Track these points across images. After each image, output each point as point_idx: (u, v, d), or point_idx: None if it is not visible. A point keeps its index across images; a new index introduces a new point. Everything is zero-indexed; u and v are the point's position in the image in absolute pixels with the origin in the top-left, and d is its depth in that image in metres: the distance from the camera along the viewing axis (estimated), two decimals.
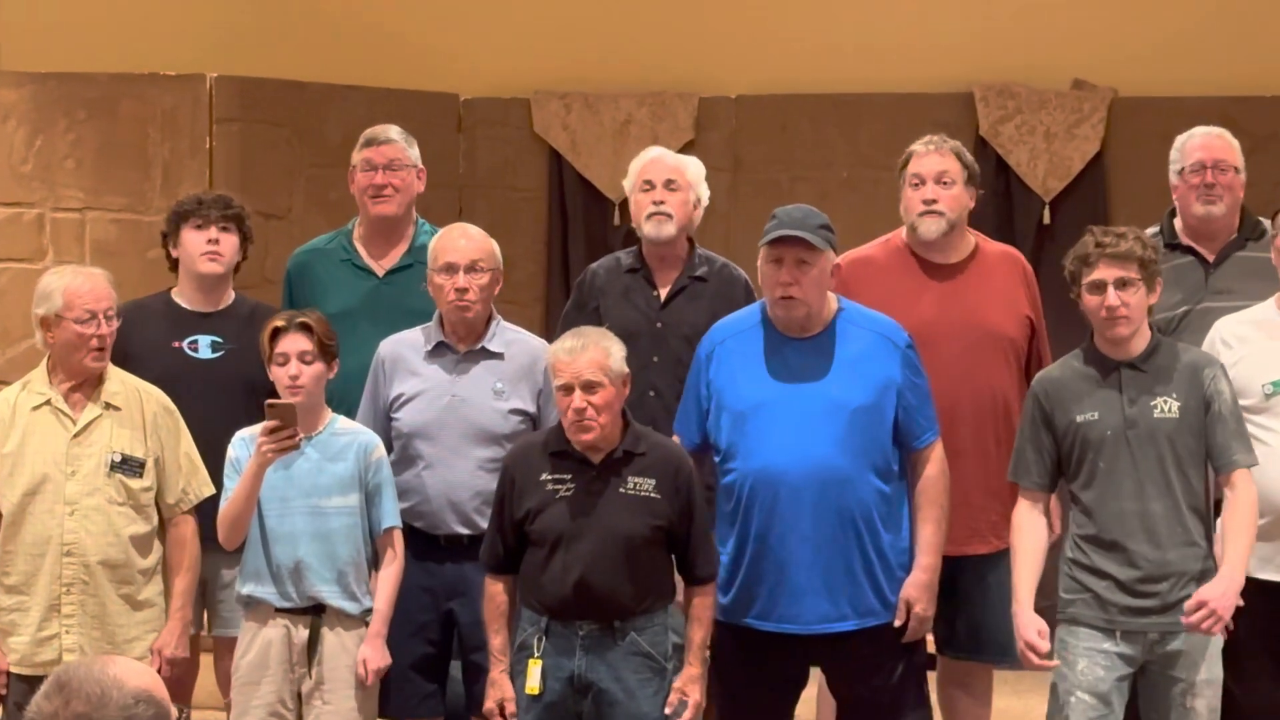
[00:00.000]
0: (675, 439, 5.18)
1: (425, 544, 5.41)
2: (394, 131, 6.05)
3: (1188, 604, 4.76)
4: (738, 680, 5.10)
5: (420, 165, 6.07)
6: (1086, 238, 4.96)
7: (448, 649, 5.48)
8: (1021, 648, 4.86)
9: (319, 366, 5.17)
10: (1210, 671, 4.87)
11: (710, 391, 5.13)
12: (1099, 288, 4.87)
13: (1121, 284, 4.86)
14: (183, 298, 5.81)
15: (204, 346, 5.72)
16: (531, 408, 5.41)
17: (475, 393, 5.41)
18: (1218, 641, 4.87)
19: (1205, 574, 4.86)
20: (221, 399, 5.54)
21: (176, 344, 5.73)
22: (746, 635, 5.07)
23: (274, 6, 8.82)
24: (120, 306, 5.83)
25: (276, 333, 5.17)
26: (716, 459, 5.14)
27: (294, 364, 5.14)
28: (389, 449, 5.40)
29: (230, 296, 5.83)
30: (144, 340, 5.68)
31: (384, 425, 5.45)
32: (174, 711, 2.84)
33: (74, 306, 5.24)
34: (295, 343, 5.15)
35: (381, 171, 5.95)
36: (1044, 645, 4.82)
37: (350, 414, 5.49)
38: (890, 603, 5.07)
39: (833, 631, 5.03)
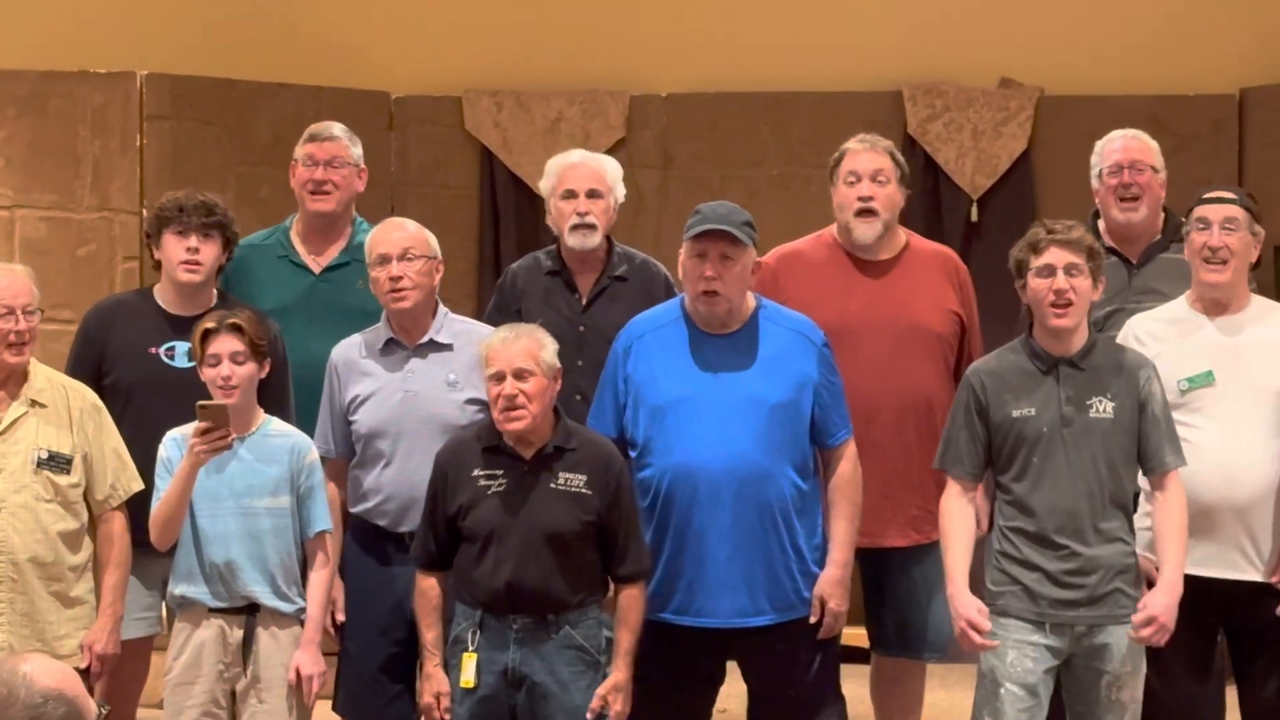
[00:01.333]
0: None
1: (388, 543, 5.39)
2: (337, 129, 6.04)
3: (1136, 618, 4.82)
4: (655, 676, 5.07)
5: (362, 165, 6.06)
6: (1036, 227, 4.99)
7: (414, 649, 5.41)
8: (962, 627, 4.83)
9: (251, 367, 5.15)
10: (1134, 664, 4.91)
11: (628, 386, 5.14)
12: (1049, 271, 4.89)
13: (1071, 270, 4.89)
14: (164, 299, 5.72)
15: (180, 354, 5.59)
16: (486, 397, 5.35)
17: (428, 386, 5.37)
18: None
19: (1129, 569, 4.91)
20: (190, 407, 5.47)
21: (154, 349, 5.64)
22: (663, 631, 5.05)
23: (204, 4, 8.77)
24: (101, 304, 5.83)
25: (208, 334, 5.15)
26: (633, 454, 5.13)
27: (226, 365, 5.12)
28: (351, 453, 5.38)
29: (212, 299, 5.72)
30: (122, 341, 5.64)
31: (343, 429, 5.42)
32: (93, 709, 2.82)
33: None
34: (227, 344, 5.13)
35: (322, 167, 5.95)
36: (986, 623, 4.82)
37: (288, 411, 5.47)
38: (806, 598, 5.09)
39: (750, 626, 5.04)
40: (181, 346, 5.57)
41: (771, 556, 5.03)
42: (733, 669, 5.25)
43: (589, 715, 4.90)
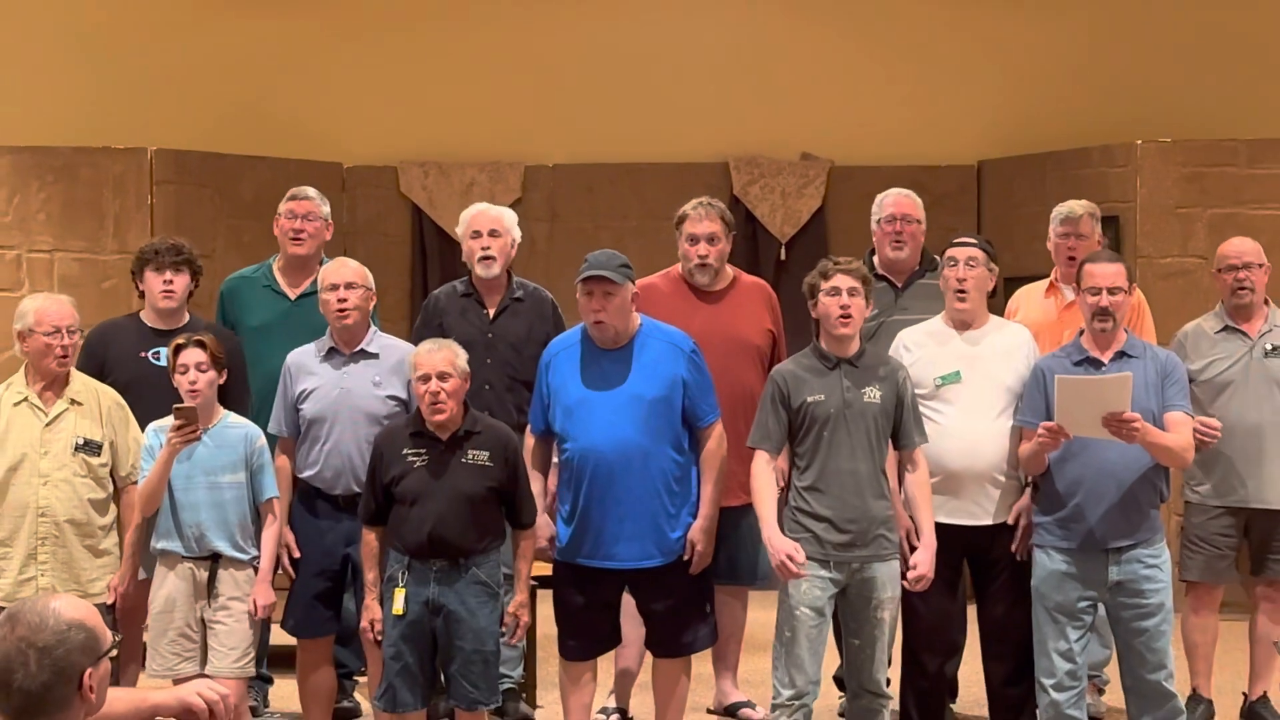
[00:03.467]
0: (526, 426, 5.20)
1: (326, 503, 5.34)
2: (311, 191, 6.03)
3: (910, 575, 4.92)
4: (573, 603, 5.13)
5: (329, 220, 6.05)
6: (824, 261, 5.04)
7: (343, 583, 5.42)
8: (782, 560, 4.81)
9: (212, 374, 5.11)
10: (893, 591, 4.95)
11: (549, 392, 5.13)
12: (836, 291, 4.93)
13: (852, 291, 4.94)
14: (147, 319, 5.71)
15: (164, 356, 5.54)
16: (403, 395, 5.32)
17: (359, 385, 5.34)
18: (897, 570, 4.97)
19: (889, 519, 4.96)
20: (177, 397, 5.42)
21: (143, 354, 5.61)
22: (579, 570, 5.09)
23: (202, 96, 8.74)
24: (100, 325, 5.78)
25: (178, 349, 5.12)
26: (557, 442, 5.15)
27: (192, 372, 5.08)
28: (298, 433, 5.37)
29: (186, 317, 5.71)
30: (120, 349, 5.61)
31: (293, 415, 5.37)
32: (109, 636, 2.82)
33: (43, 323, 5.16)
34: (193, 356, 5.09)
35: (300, 220, 5.94)
36: (801, 555, 4.84)
37: (269, 413, 5.46)
38: (684, 545, 5.11)
39: (641, 567, 5.07)
40: (164, 351, 5.54)
41: (656, 515, 5.03)
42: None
43: (503, 628, 4.92)
